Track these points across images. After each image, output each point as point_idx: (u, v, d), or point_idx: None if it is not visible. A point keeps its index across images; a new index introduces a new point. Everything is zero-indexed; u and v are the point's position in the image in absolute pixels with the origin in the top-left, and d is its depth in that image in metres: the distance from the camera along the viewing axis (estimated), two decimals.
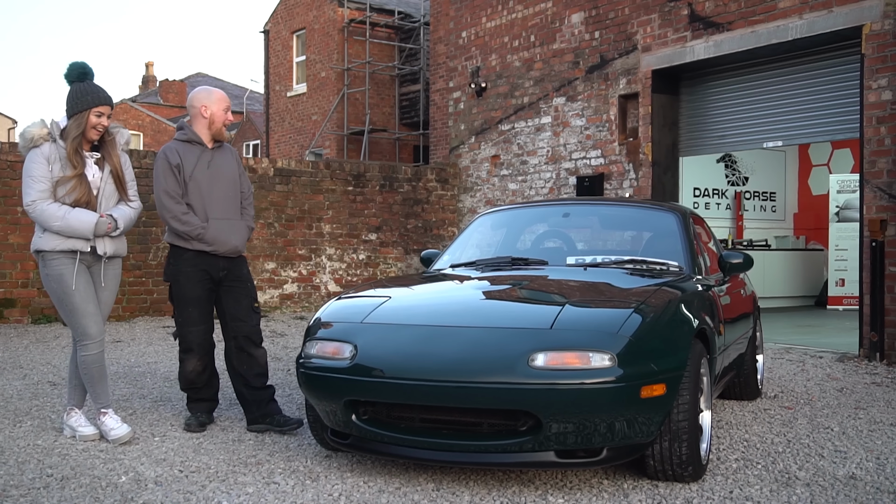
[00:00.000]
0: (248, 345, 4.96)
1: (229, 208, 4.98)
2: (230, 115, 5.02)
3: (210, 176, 4.93)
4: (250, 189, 5.15)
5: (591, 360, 3.54)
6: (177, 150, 4.93)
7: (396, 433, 3.80)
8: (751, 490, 3.85)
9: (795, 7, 8.66)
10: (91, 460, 4.25)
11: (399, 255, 12.68)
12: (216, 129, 4.98)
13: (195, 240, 4.87)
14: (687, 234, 5.06)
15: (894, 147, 7.81)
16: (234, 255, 4.98)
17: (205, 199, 4.90)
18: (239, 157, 5.17)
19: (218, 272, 4.94)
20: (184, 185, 4.90)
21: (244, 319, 4.97)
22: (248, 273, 5.09)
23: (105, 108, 4.54)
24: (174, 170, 4.89)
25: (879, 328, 7.85)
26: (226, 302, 5.00)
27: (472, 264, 5.08)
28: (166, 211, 4.90)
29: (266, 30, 25.44)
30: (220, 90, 5.08)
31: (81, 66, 4.59)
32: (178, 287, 4.97)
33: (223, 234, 4.91)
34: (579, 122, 11.13)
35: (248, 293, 5.02)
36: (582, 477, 4.02)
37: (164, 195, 4.89)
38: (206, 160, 4.95)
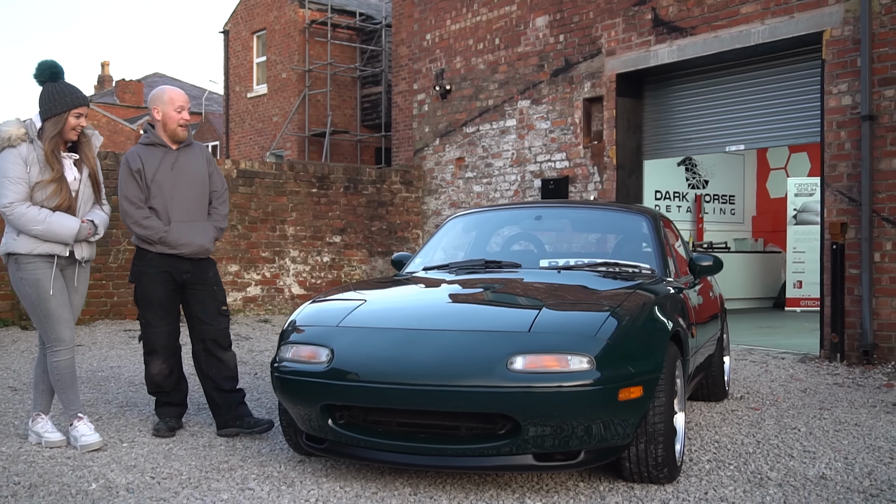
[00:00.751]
0: (216, 348, 4.91)
1: (194, 210, 4.91)
2: (185, 114, 4.89)
3: (174, 178, 4.86)
4: (224, 188, 5.08)
5: (569, 363, 3.55)
6: (139, 155, 4.88)
7: (373, 437, 3.77)
8: (725, 491, 3.88)
9: (758, 13, 8.78)
10: (59, 467, 4.17)
11: (363, 258, 12.63)
12: (170, 130, 4.89)
13: (158, 243, 4.82)
14: (658, 237, 5.10)
15: (854, 151, 7.94)
16: (202, 256, 4.91)
17: (167, 201, 4.84)
18: (211, 155, 5.10)
19: (181, 274, 4.88)
20: (146, 189, 4.84)
21: (211, 323, 4.92)
22: (215, 276, 5.03)
23: (83, 109, 4.47)
24: (135, 175, 4.84)
25: (840, 329, 7.97)
26: (192, 305, 4.94)
27: (445, 267, 5.07)
28: (127, 216, 4.86)
29: (225, 30, 25.22)
30: (174, 89, 4.98)
31: (52, 66, 4.50)
32: (142, 288, 4.91)
33: (186, 236, 4.84)
34: (544, 124, 11.18)
35: (215, 296, 4.96)
36: (557, 479, 4.03)
37: (125, 201, 4.85)
38: (170, 162, 4.88)
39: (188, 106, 4.90)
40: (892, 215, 7.67)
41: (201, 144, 5.11)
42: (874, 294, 7.75)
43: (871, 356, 7.70)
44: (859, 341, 7.83)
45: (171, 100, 4.87)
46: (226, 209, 5.07)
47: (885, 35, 7.71)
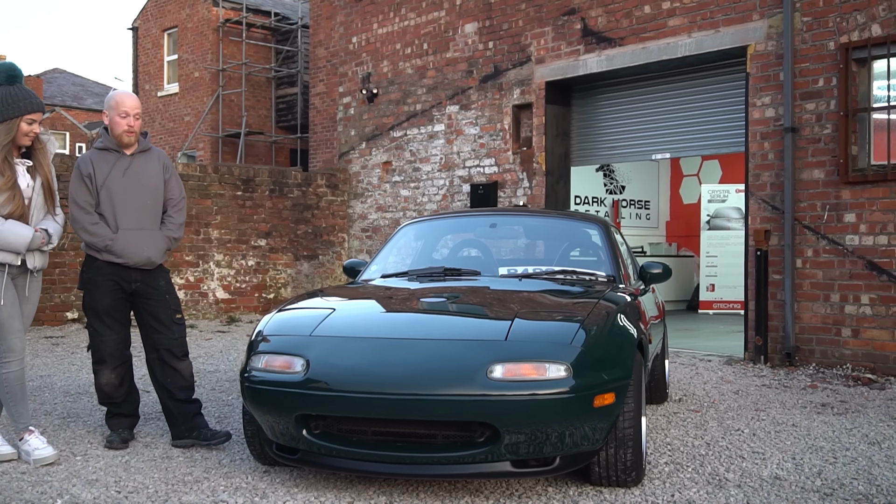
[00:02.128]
0: (170, 357, 4.81)
1: (144, 218, 4.78)
2: (131, 119, 4.72)
3: (125, 184, 4.73)
4: (181, 196, 4.97)
5: (547, 371, 3.62)
6: (90, 159, 4.75)
7: (349, 447, 3.77)
8: (689, 493, 4.01)
9: (685, 26, 9.05)
10: (16, 483, 4.03)
11: (289, 262, 12.50)
12: (115, 135, 4.75)
13: (104, 251, 4.70)
14: (612, 245, 5.23)
15: (777, 162, 8.28)
16: (148, 267, 4.80)
17: (116, 208, 4.71)
18: (169, 162, 4.98)
19: (130, 284, 4.76)
20: (96, 195, 4.71)
21: (163, 332, 4.81)
22: (168, 284, 4.91)
23: (37, 115, 4.33)
24: (85, 180, 4.71)
25: (763, 332, 8.29)
26: (144, 314, 4.83)
27: (405, 274, 5.08)
28: (75, 222, 4.74)
29: (134, 27, 24.59)
30: (123, 93, 4.82)
31: (11, 68, 4.35)
32: (90, 296, 4.79)
33: (133, 246, 4.72)
34: (473, 130, 11.28)
35: (168, 305, 4.85)
36: (527, 485, 4.09)
37: (74, 206, 4.73)
38: (123, 167, 4.75)
39: (135, 112, 4.72)
40: (812, 223, 8.02)
41: (160, 150, 4.98)
42: (796, 299, 8.10)
43: (793, 358, 8.04)
44: (782, 344, 8.16)
45: (116, 104, 4.72)
46: (181, 218, 4.96)
47: (806, 51, 8.05)
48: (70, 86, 39.09)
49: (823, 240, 7.95)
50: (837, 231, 7.86)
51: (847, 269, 7.79)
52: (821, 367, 7.84)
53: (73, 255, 10.24)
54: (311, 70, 19.64)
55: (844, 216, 7.82)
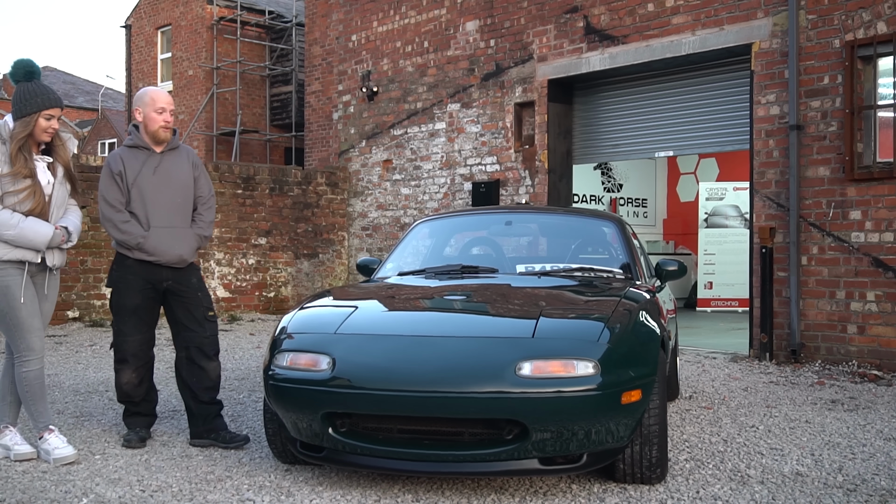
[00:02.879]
0: (199, 356, 4.77)
1: (175, 216, 4.77)
2: (167, 115, 4.75)
3: (155, 182, 4.72)
4: (211, 193, 4.95)
5: (575, 368, 3.61)
6: (120, 157, 4.73)
7: (375, 445, 3.76)
8: (713, 489, 4.02)
9: (688, 24, 9.07)
10: (39, 482, 4.00)
11: (289, 260, 12.48)
12: (151, 132, 4.75)
13: (135, 249, 4.67)
14: (628, 243, 5.23)
15: (782, 159, 8.30)
16: (180, 265, 4.78)
17: (147, 206, 4.69)
18: (198, 160, 4.96)
19: (161, 282, 4.74)
20: (127, 193, 4.69)
21: (195, 329, 4.79)
22: (199, 282, 4.89)
23: (55, 111, 4.30)
24: (116, 177, 4.69)
25: (769, 330, 8.32)
26: (175, 312, 4.81)
27: (421, 272, 5.07)
28: (106, 221, 4.71)
29: (128, 25, 24.49)
30: (157, 90, 4.85)
31: (28, 65, 4.33)
32: (118, 295, 4.76)
33: (165, 244, 4.70)
34: (474, 128, 11.28)
35: (200, 302, 4.83)
36: (549, 482, 4.09)
37: (105, 204, 4.70)
38: (153, 165, 4.73)
39: (171, 107, 4.74)
40: (818, 220, 8.05)
41: (189, 148, 4.96)
42: (801, 296, 8.12)
43: (798, 355, 8.07)
44: (787, 341, 8.19)
45: (152, 100, 4.72)
46: (211, 216, 4.94)
47: (811, 49, 8.08)
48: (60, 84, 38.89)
49: (829, 237, 7.97)
50: (843, 228, 7.89)
51: (853, 266, 7.82)
52: (827, 363, 7.87)
53: (72, 254, 10.19)
54: (306, 68, 19.58)
55: (850, 213, 7.85)
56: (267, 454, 4.57)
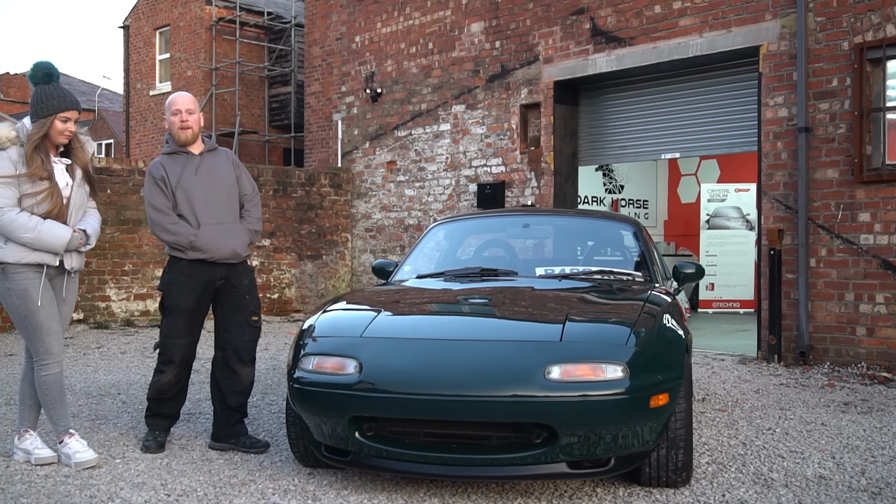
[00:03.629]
0: (234, 360, 4.76)
1: (223, 213, 4.76)
2: (184, 115, 4.71)
3: (199, 182, 4.72)
4: (255, 191, 4.95)
5: (605, 372, 3.61)
6: (161, 164, 4.74)
7: (402, 449, 3.75)
8: (739, 493, 4.01)
9: (696, 25, 9.07)
10: (63, 486, 3.99)
11: (293, 262, 12.45)
12: (174, 135, 4.75)
13: (188, 248, 4.66)
14: (646, 245, 5.23)
15: (790, 161, 8.31)
16: (234, 261, 4.77)
17: (194, 206, 4.69)
18: (237, 160, 4.96)
19: (216, 281, 4.73)
20: (172, 197, 4.69)
21: (235, 332, 4.77)
22: (251, 284, 4.88)
23: (72, 113, 4.27)
24: (159, 183, 4.70)
25: (777, 332, 8.32)
26: (221, 311, 4.81)
27: (440, 275, 5.06)
28: (155, 225, 4.72)
29: (125, 25, 24.41)
30: (178, 93, 4.84)
31: (47, 67, 4.31)
32: (170, 296, 4.74)
33: (217, 240, 4.69)
34: (480, 129, 11.27)
35: (246, 305, 4.81)
36: (574, 486, 4.08)
37: (151, 209, 4.71)
38: (194, 167, 4.74)
39: (186, 107, 4.69)
40: (826, 223, 8.05)
41: (227, 150, 4.97)
42: (810, 298, 8.13)
43: (807, 357, 8.07)
44: (796, 343, 8.19)
45: (168, 105, 4.74)
46: (258, 212, 4.94)
47: (819, 51, 8.09)
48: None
49: (837, 239, 7.98)
50: (852, 230, 7.90)
51: (861, 268, 7.83)
52: (835, 366, 7.88)
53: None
54: (306, 69, 19.56)
55: (859, 215, 7.86)
56: (287, 458, 4.55)
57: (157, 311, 10.91)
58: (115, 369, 7.47)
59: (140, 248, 10.93)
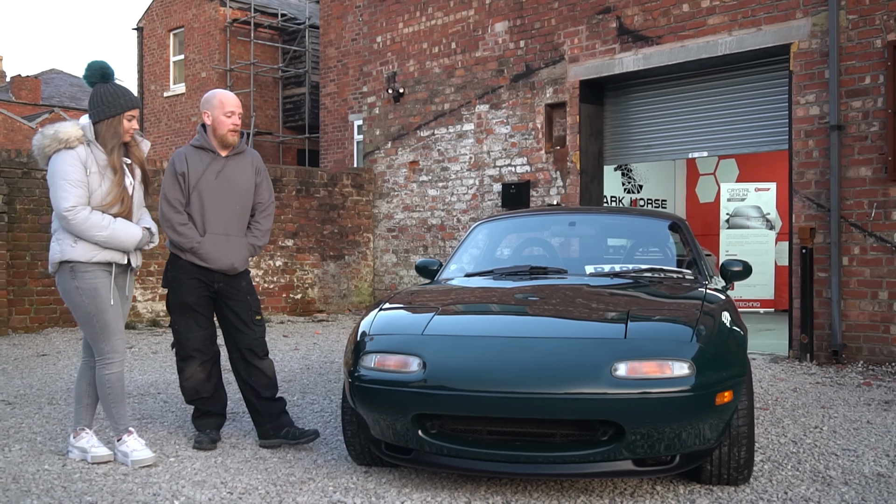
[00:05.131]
0: (251, 357, 4.77)
1: (231, 224, 4.74)
2: (236, 118, 4.74)
3: (216, 187, 4.69)
4: (271, 200, 4.92)
5: (672, 369, 3.60)
6: (185, 157, 4.70)
7: (466, 447, 3.74)
8: (800, 490, 4.00)
9: (725, 24, 9.05)
10: (124, 484, 3.98)
11: (316, 262, 12.45)
12: (220, 135, 4.73)
13: (188, 252, 4.66)
14: (693, 243, 5.21)
15: (822, 160, 8.29)
16: (231, 273, 4.76)
17: (205, 212, 4.67)
18: (262, 164, 4.93)
19: (213, 283, 4.74)
20: (187, 195, 4.67)
21: (245, 331, 4.77)
22: (249, 286, 4.87)
23: (136, 112, 4.28)
24: (178, 178, 4.68)
25: (809, 330, 8.30)
26: (226, 314, 4.80)
27: (489, 273, 5.04)
28: (164, 220, 4.70)
29: (139, 27, 24.46)
30: (225, 92, 4.83)
31: (102, 67, 4.31)
32: (174, 294, 4.76)
33: (218, 251, 4.68)
34: (504, 129, 11.26)
35: (248, 306, 4.81)
36: (632, 484, 4.07)
37: (165, 203, 4.69)
38: (216, 169, 4.71)
39: (239, 110, 4.72)
40: (859, 221, 8.03)
41: (254, 152, 4.93)
42: (843, 296, 8.10)
43: (840, 356, 8.05)
44: (829, 342, 8.16)
45: (221, 104, 4.70)
46: (268, 224, 4.91)
47: (852, 49, 8.06)
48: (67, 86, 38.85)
49: (871, 237, 7.96)
50: (885, 228, 7.87)
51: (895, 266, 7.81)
52: (869, 364, 7.85)
53: None
54: (321, 70, 19.58)
55: (892, 213, 7.83)
56: (340, 456, 4.55)
57: None
58: (150, 369, 7.47)
59: (165, 249, 10.92)
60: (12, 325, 9.64)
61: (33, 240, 9.86)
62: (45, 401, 6.01)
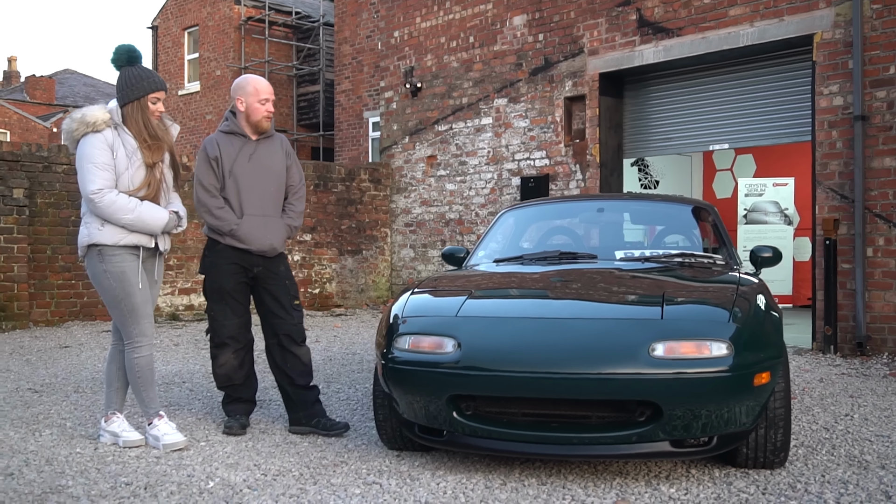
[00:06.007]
0: (289, 343, 4.75)
1: (268, 205, 4.75)
2: (270, 105, 4.76)
3: (251, 170, 4.70)
4: (301, 182, 4.93)
5: (710, 349, 3.57)
6: (217, 142, 4.71)
7: (502, 428, 3.72)
8: (837, 473, 3.96)
9: (747, 15, 9.01)
10: (158, 467, 3.98)
11: (333, 256, 12.45)
12: (254, 122, 4.74)
13: (227, 235, 4.66)
14: (722, 229, 5.18)
15: (846, 150, 8.23)
16: (270, 255, 4.76)
17: (242, 194, 4.68)
18: (290, 148, 4.94)
19: (252, 268, 4.73)
20: (222, 179, 4.68)
21: (283, 317, 4.76)
22: (287, 270, 4.87)
23: (161, 94, 4.28)
24: (212, 162, 4.68)
25: (833, 322, 8.24)
26: (264, 299, 4.79)
27: (518, 259, 5.02)
28: (201, 205, 4.70)
29: (154, 26, 24.54)
30: (259, 79, 4.83)
31: (129, 50, 4.32)
32: (212, 279, 4.75)
33: (257, 232, 4.69)
34: (522, 123, 11.23)
35: (287, 290, 4.81)
36: (666, 467, 4.04)
37: (200, 188, 4.69)
38: (248, 153, 4.72)
39: (272, 97, 4.75)
40: (884, 212, 7.97)
41: (281, 135, 4.94)
42: (867, 288, 8.05)
43: (864, 348, 7.99)
44: (853, 334, 8.11)
45: (255, 90, 4.71)
46: (301, 206, 4.92)
47: (876, 38, 8.01)
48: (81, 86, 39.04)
49: (895, 228, 7.90)
50: None
51: None
52: (894, 356, 7.79)
53: None
54: (335, 67, 19.59)
55: None
56: (370, 441, 4.54)
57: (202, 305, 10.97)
58: (173, 360, 7.48)
59: (184, 244, 10.95)
60: (33, 319, 9.67)
61: (54, 234, 9.88)
62: (71, 389, 6.02)
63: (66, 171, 9.94)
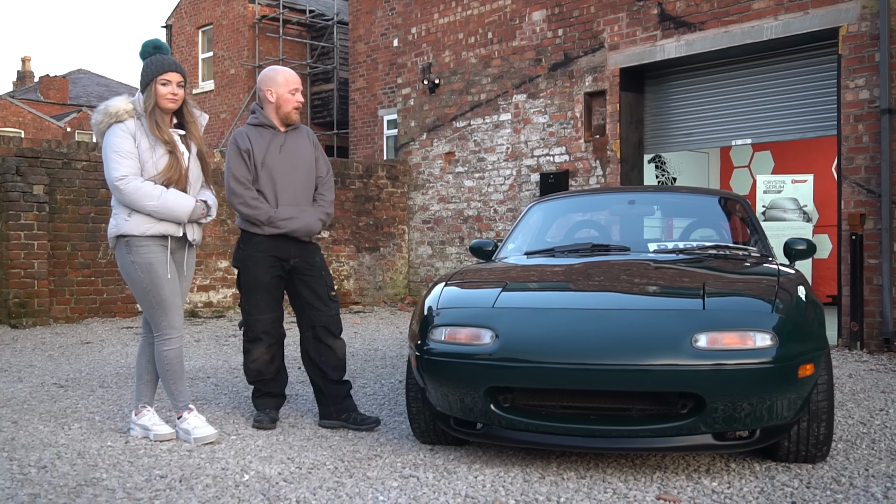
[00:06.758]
0: (325, 335, 4.70)
1: (300, 195, 4.73)
2: (299, 96, 4.73)
3: (283, 161, 4.68)
4: (329, 172, 4.89)
5: (754, 340, 3.50)
6: (247, 135, 4.68)
7: (541, 421, 3.66)
8: (880, 467, 3.90)
9: (770, 8, 8.92)
10: (191, 460, 3.94)
11: (351, 253, 12.41)
12: (284, 113, 4.71)
13: (266, 224, 4.61)
14: (756, 220, 5.12)
15: (872, 144, 8.14)
16: (307, 238, 4.72)
17: (276, 184, 4.65)
18: (316, 139, 4.91)
19: (289, 258, 4.69)
20: (254, 171, 4.64)
21: (321, 308, 4.72)
22: (322, 261, 4.84)
23: (171, 76, 4.20)
24: (244, 155, 4.65)
25: (859, 318, 8.15)
26: (301, 291, 4.74)
27: (550, 251, 4.96)
28: (235, 197, 4.66)
29: (168, 24, 24.56)
30: (288, 70, 4.79)
31: (154, 42, 4.29)
32: (247, 272, 4.70)
33: (294, 216, 4.67)
34: (542, 119, 11.16)
35: (325, 281, 4.77)
36: (705, 460, 3.98)
37: (233, 181, 4.65)
38: (279, 144, 4.69)
39: (301, 88, 4.72)
40: None
41: (308, 128, 4.91)
42: (894, 283, 7.95)
43: (892, 344, 7.90)
44: (879, 330, 8.02)
45: (285, 81, 4.68)
46: (332, 195, 4.88)
47: None
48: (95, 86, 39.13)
49: None
50: None
51: None
52: None
53: None
54: (350, 66, 19.55)
55: None
56: (402, 435, 4.49)
57: (220, 302, 10.95)
58: (195, 356, 7.44)
59: (203, 240, 10.91)
60: (53, 315, 9.66)
61: (73, 230, 9.87)
62: (96, 384, 5.99)
63: (85, 168, 9.92)
